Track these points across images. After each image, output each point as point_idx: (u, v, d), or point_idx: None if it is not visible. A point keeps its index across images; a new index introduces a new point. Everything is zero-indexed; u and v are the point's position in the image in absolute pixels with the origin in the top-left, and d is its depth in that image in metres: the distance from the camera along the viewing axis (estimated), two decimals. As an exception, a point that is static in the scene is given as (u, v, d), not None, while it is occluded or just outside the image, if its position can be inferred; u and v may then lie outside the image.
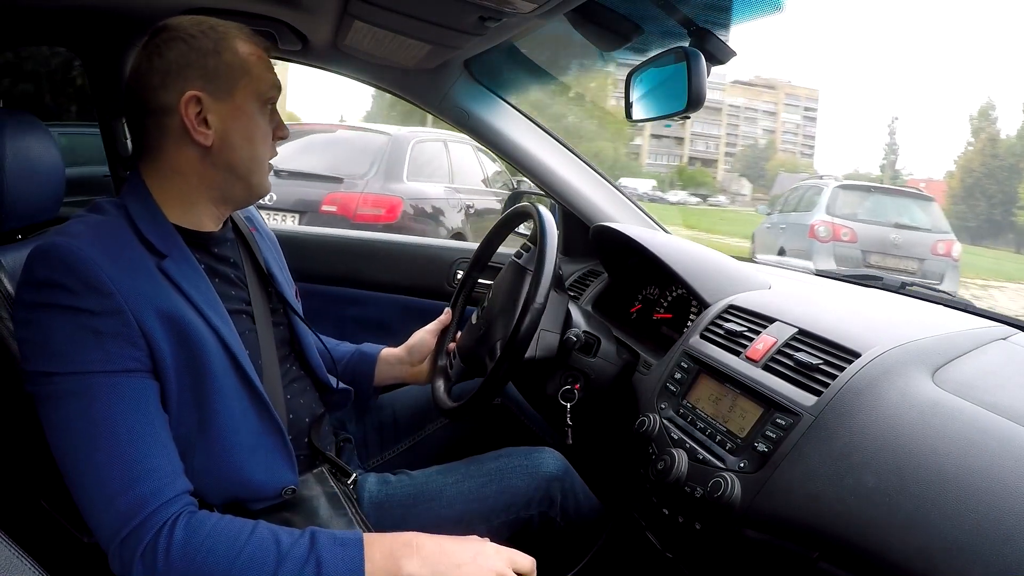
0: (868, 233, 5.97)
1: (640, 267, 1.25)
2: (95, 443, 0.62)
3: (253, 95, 0.76)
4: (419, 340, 1.08)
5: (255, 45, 0.77)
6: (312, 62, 1.39)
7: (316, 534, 0.64)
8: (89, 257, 0.64)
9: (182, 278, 0.70)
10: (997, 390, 0.65)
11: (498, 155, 1.46)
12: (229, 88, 0.74)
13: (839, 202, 6.21)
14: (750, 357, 0.81)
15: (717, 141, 64.45)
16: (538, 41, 1.20)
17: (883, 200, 6.41)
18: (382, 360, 1.07)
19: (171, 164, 0.75)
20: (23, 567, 0.40)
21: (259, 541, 0.62)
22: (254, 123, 0.76)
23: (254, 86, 0.76)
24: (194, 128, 0.72)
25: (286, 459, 0.76)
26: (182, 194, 0.76)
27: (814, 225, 6.07)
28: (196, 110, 0.72)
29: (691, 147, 62.21)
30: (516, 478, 0.91)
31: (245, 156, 0.76)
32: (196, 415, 0.69)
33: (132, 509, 0.61)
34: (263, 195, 0.81)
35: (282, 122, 0.81)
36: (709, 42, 0.90)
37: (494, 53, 1.21)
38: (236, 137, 0.75)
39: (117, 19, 1.21)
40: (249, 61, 0.76)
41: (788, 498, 0.65)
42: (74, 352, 0.62)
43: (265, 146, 0.79)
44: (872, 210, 6.23)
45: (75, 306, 0.63)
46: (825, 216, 6.08)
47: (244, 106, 0.75)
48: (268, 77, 0.78)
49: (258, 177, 0.79)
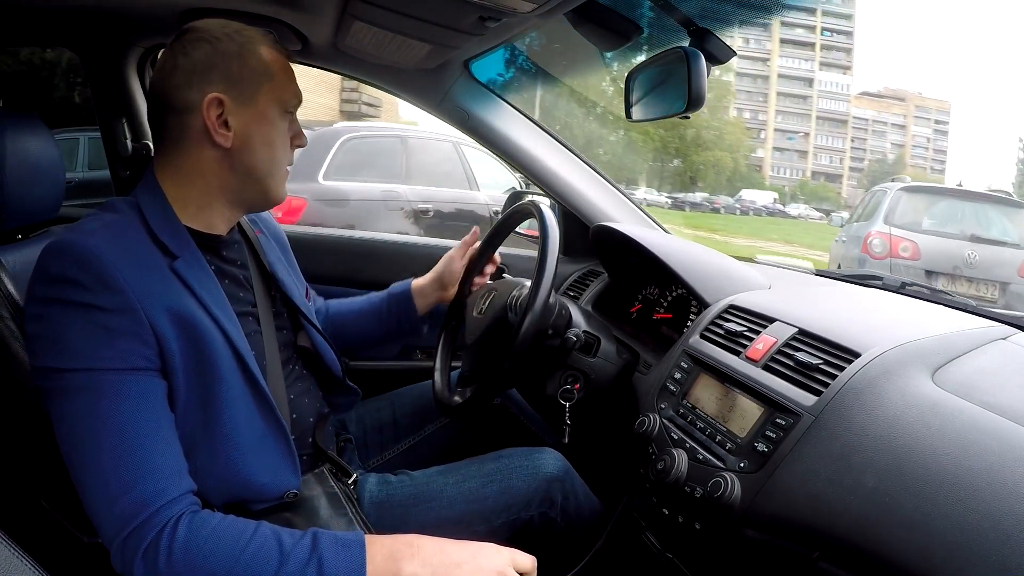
0: (935, 248, 4.62)
1: (640, 267, 1.25)
2: (101, 440, 0.62)
3: (275, 101, 0.77)
4: (447, 266, 1.10)
5: (280, 53, 0.78)
6: (312, 62, 1.40)
7: (318, 535, 0.64)
8: (103, 254, 0.64)
9: (193, 279, 0.71)
10: (997, 390, 0.65)
11: (498, 155, 1.46)
12: (252, 93, 0.74)
13: (900, 209, 4.85)
14: (750, 357, 0.81)
15: (842, 155, 60.71)
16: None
17: (957, 206, 4.95)
18: (416, 294, 1.10)
19: (190, 163, 0.75)
20: (23, 567, 0.40)
21: (261, 541, 0.62)
22: (274, 129, 0.77)
23: (277, 93, 0.77)
24: (215, 129, 0.73)
25: (289, 462, 0.77)
26: (198, 195, 0.76)
27: (868, 237, 4.84)
28: (218, 112, 0.73)
29: (815, 161, 59.11)
30: (516, 479, 0.91)
31: (264, 160, 0.77)
32: (201, 415, 0.70)
33: (135, 508, 0.61)
34: (278, 201, 0.81)
35: (300, 131, 0.82)
36: (709, 42, 0.90)
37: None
38: (256, 141, 0.76)
39: (117, 19, 1.21)
40: (273, 68, 0.76)
41: (788, 498, 0.65)
42: (85, 348, 0.63)
43: (284, 152, 0.79)
44: (942, 218, 4.88)
45: (88, 303, 0.63)
46: (882, 226, 4.80)
47: (266, 111, 0.76)
48: (291, 87, 0.79)
49: (275, 182, 0.79)
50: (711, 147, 40.80)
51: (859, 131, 62.42)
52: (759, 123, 55.40)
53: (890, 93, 65.99)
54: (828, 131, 59.26)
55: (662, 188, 37.69)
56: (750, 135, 51.70)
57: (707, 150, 40.58)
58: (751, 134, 52.38)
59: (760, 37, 53.90)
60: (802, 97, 56.89)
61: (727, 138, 41.96)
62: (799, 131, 56.56)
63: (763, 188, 42.56)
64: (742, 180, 42.19)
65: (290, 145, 0.81)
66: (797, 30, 55.42)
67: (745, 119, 53.20)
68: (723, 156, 40.76)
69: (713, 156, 40.29)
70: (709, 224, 18.43)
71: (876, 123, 63.75)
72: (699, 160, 40.34)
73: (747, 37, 53.05)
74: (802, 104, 57.32)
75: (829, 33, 56.01)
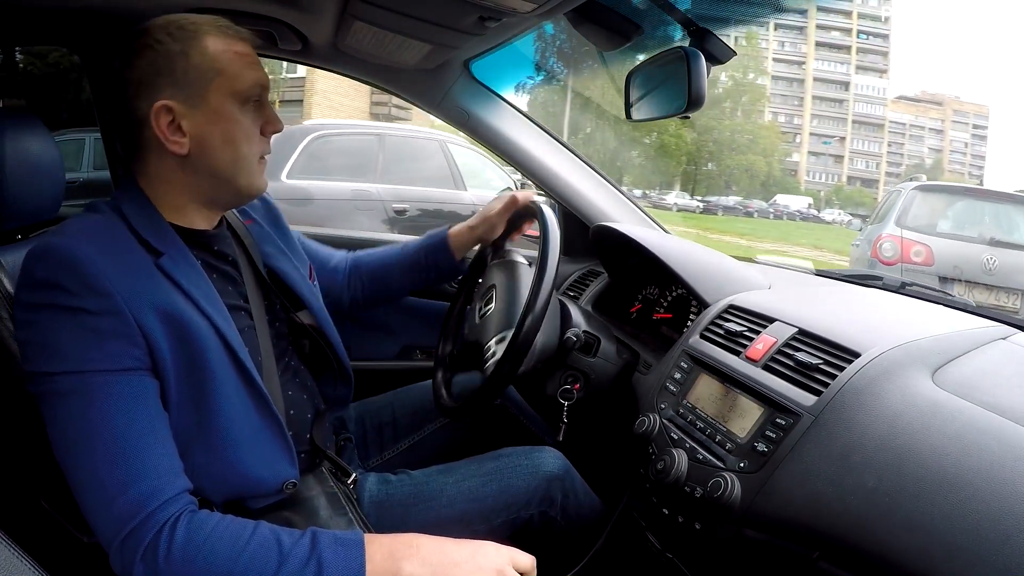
0: (951, 252, 4.21)
1: (640, 267, 1.25)
2: (95, 442, 0.62)
3: (228, 95, 0.72)
4: (486, 221, 1.11)
5: (231, 40, 0.73)
6: (312, 62, 1.39)
7: (317, 534, 0.64)
8: (87, 257, 0.64)
9: (180, 275, 0.70)
10: (997, 390, 0.65)
11: (498, 155, 1.46)
12: (202, 92, 0.71)
13: (914, 210, 4.42)
14: (750, 357, 0.81)
15: (878, 160, 58.76)
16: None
17: (976, 207, 4.49)
18: (454, 242, 1.12)
19: (154, 171, 0.74)
20: (23, 567, 0.40)
21: (260, 541, 0.62)
22: (233, 123, 0.73)
23: (228, 85, 0.72)
24: (167, 138, 0.71)
25: (286, 453, 0.76)
26: (172, 198, 0.75)
27: (878, 241, 4.42)
28: (168, 119, 0.71)
29: (850, 166, 57.26)
30: (516, 478, 0.91)
31: (227, 159, 0.74)
32: (195, 412, 0.69)
33: (132, 509, 0.61)
34: (255, 194, 0.79)
35: (273, 116, 0.77)
36: (709, 42, 0.90)
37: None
38: (215, 142, 0.72)
39: (117, 19, 1.21)
40: (221, 60, 0.72)
41: (788, 498, 0.65)
42: (74, 352, 0.63)
43: (250, 145, 0.75)
44: (959, 220, 4.45)
45: (74, 306, 0.63)
46: (893, 229, 4.37)
47: (220, 108, 0.72)
48: (246, 75, 0.73)
49: (246, 178, 0.76)
50: (745, 151, 40.45)
51: (896, 135, 60.83)
52: (794, 127, 54.39)
53: (927, 97, 64.43)
54: (864, 135, 57.78)
55: (696, 192, 37.39)
56: (785, 139, 50.73)
57: (741, 154, 40.27)
58: (786, 138, 51.36)
59: (796, 40, 52.74)
60: (838, 101, 55.71)
61: (761, 142, 41.35)
62: (835, 135, 55.54)
63: (798, 193, 42.12)
64: (776, 185, 41.80)
65: (261, 134, 0.76)
66: (832, 33, 54.10)
67: (780, 123, 52.16)
68: (757, 160, 40.29)
69: (747, 160, 39.87)
70: (737, 228, 18.01)
71: (913, 127, 62.03)
72: (733, 164, 39.98)
73: (782, 40, 52.11)
74: (838, 108, 56.12)
75: (865, 36, 54.71)
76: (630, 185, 34.15)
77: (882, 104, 59.03)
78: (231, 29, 0.74)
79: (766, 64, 49.63)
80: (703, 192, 37.94)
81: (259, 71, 0.76)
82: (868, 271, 1.22)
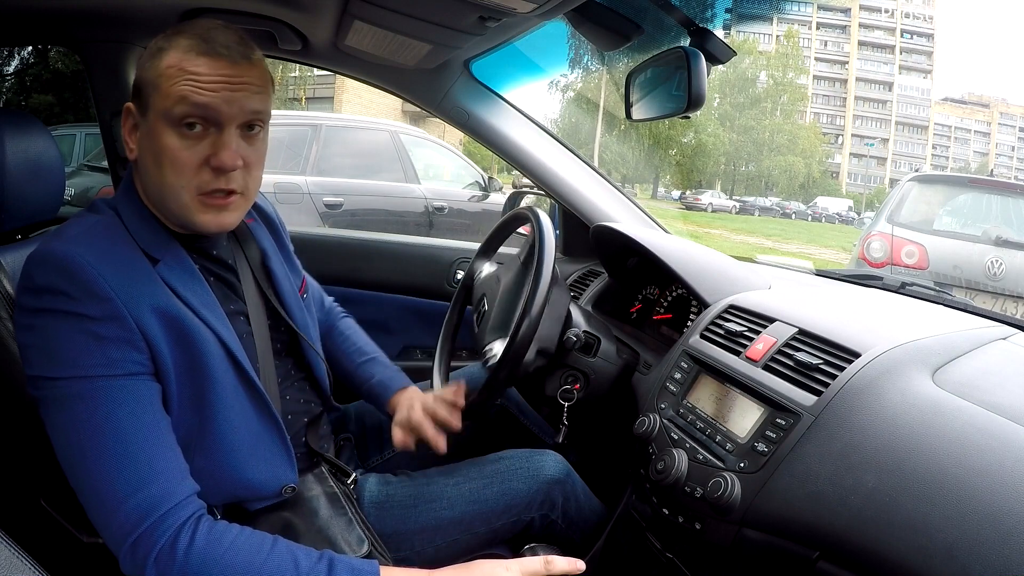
0: (949, 252, 3.55)
1: (640, 267, 1.26)
2: (102, 446, 0.61)
3: (159, 114, 0.66)
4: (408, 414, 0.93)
5: (192, 57, 0.66)
6: (312, 62, 1.40)
7: (334, 560, 0.63)
8: (87, 262, 0.63)
9: (177, 282, 0.70)
10: (997, 390, 0.65)
11: (498, 155, 1.46)
12: (145, 105, 0.68)
13: (910, 204, 3.77)
14: (750, 357, 0.81)
15: (922, 162, 55.87)
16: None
17: (982, 201, 3.81)
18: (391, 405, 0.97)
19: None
20: (23, 567, 0.40)
21: (278, 561, 0.62)
22: (160, 146, 0.67)
23: (160, 104, 0.66)
24: (126, 139, 0.71)
25: (285, 457, 0.76)
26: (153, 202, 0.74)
27: (866, 240, 3.81)
28: (131, 123, 0.71)
29: (894, 168, 55.26)
30: (517, 480, 0.91)
31: (155, 182, 0.69)
32: (196, 416, 0.69)
33: (143, 512, 0.60)
34: (195, 230, 0.72)
35: (220, 151, 0.67)
36: (709, 42, 0.90)
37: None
38: (146, 160, 0.69)
39: (117, 19, 1.21)
40: (164, 75, 0.66)
41: (788, 498, 0.65)
42: (76, 357, 0.62)
43: (178, 174, 0.67)
44: (962, 216, 3.83)
45: (76, 312, 0.63)
46: (884, 226, 3.73)
47: (154, 127, 0.67)
48: (178, 93, 0.65)
49: (176, 208, 0.69)
50: (784, 152, 39.86)
51: (941, 138, 58.78)
52: (836, 128, 53.33)
53: (973, 99, 62.50)
54: (908, 138, 56.45)
55: (735, 192, 36.94)
56: (826, 140, 49.50)
57: (780, 155, 39.71)
58: (827, 139, 50.07)
59: (838, 39, 51.83)
60: (881, 102, 54.71)
61: (801, 143, 40.63)
62: (877, 137, 54.42)
63: (839, 195, 41.44)
64: (816, 186, 41.10)
65: (200, 166, 0.67)
66: (876, 32, 53.06)
67: (821, 123, 50.98)
68: (796, 161, 39.61)
69: (786, 161, 39.30)
70: (766, 229, 17.29)
71: (959, 130, 59.87)
72: (771, 165, 39.29)
73: (824, 40, 51.10)
74: (881, 109, 55.03)
75: (909, 35, 53.59)
76: (668, 185, 33.48)
77: (927, 105, 57.17)
78: (213, 44, 0.66)
79: (807, 63, 48.37)
80: (741, 193, 37.44)
81: (204, 94, 0.65)
82: (868, 271, 1.22)
